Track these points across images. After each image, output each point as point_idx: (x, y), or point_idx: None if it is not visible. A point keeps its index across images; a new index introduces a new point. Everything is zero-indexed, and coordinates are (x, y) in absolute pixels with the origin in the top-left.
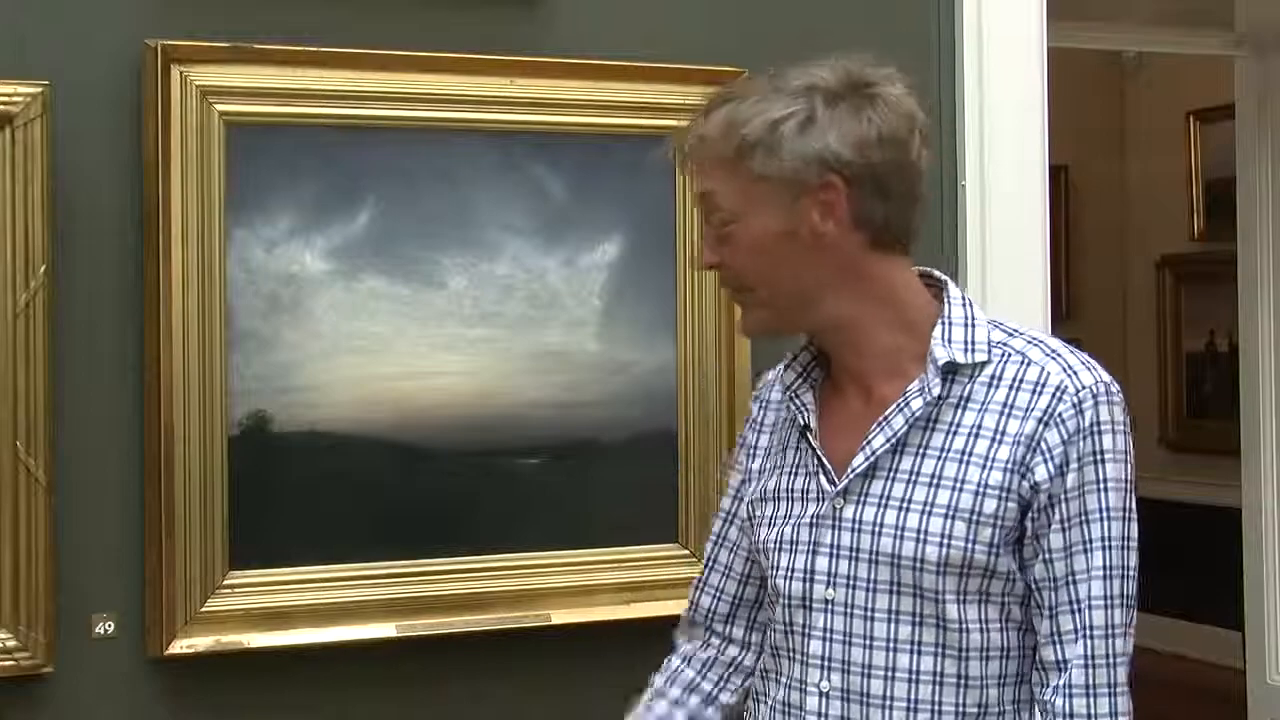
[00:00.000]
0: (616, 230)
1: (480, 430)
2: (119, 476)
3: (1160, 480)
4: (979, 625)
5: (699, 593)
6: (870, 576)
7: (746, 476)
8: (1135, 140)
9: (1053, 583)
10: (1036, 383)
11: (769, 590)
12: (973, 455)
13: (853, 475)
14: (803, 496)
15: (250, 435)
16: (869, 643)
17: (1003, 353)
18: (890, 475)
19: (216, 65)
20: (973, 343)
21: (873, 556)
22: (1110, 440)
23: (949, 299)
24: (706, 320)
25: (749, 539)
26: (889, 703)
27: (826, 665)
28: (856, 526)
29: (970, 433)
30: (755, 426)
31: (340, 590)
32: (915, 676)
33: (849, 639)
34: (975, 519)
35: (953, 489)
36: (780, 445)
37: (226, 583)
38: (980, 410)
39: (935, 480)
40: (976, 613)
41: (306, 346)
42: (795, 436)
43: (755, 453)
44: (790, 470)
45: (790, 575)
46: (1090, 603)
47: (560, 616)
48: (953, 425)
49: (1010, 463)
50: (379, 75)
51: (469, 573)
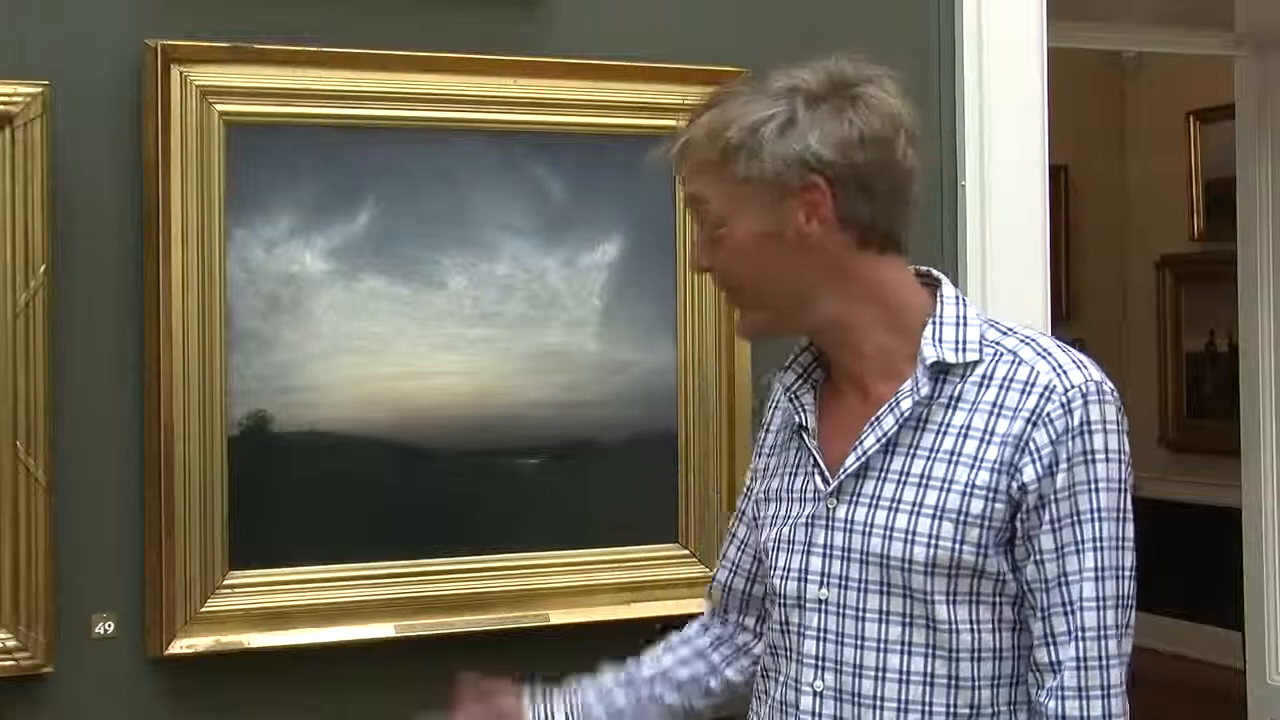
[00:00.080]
0: (616, 230)
1: (480, 430)
2: (119, 476)
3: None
4: (969, 626)
5: (714, 581)
6: (861, 577)
7: (754, 475)
8: (1135, 140)
9: (1044, 584)
10: (1026, 382)
11: (768, 589)
12: (961, 455)
13: (844, 475)
14: (801, 496)
15: (250, 435)
16: (860, 643)
17: (995, 352)
18: (881, 475)
19: (216, 65)
20: (964, 342)
21: (863, 557)
22: (1101, 439)
23: (942, 298)
24: (706, 320)
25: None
26: (879, 703)
27: (820, 665)
28: (848, 527)
29: (960, 433)
30: (765, 426)
31: (340, 590)
32: (906, 677)
33: (841, 639)
34: (962, 519)
35: (941, 489)
36: (783, 445)
37: (226, 583)
38: (970, 410)
39: (924, 480)
40: (967, 613)
41: (306, 346)
42: (794, 436)
43: (762, 452)
44: (791, 470)
45: (786, 575)
46: (1082, 604)
47: (560, 616)
48: (943, 425)
49: (998, 463)
50: (379, 75)
51: (469, 573)
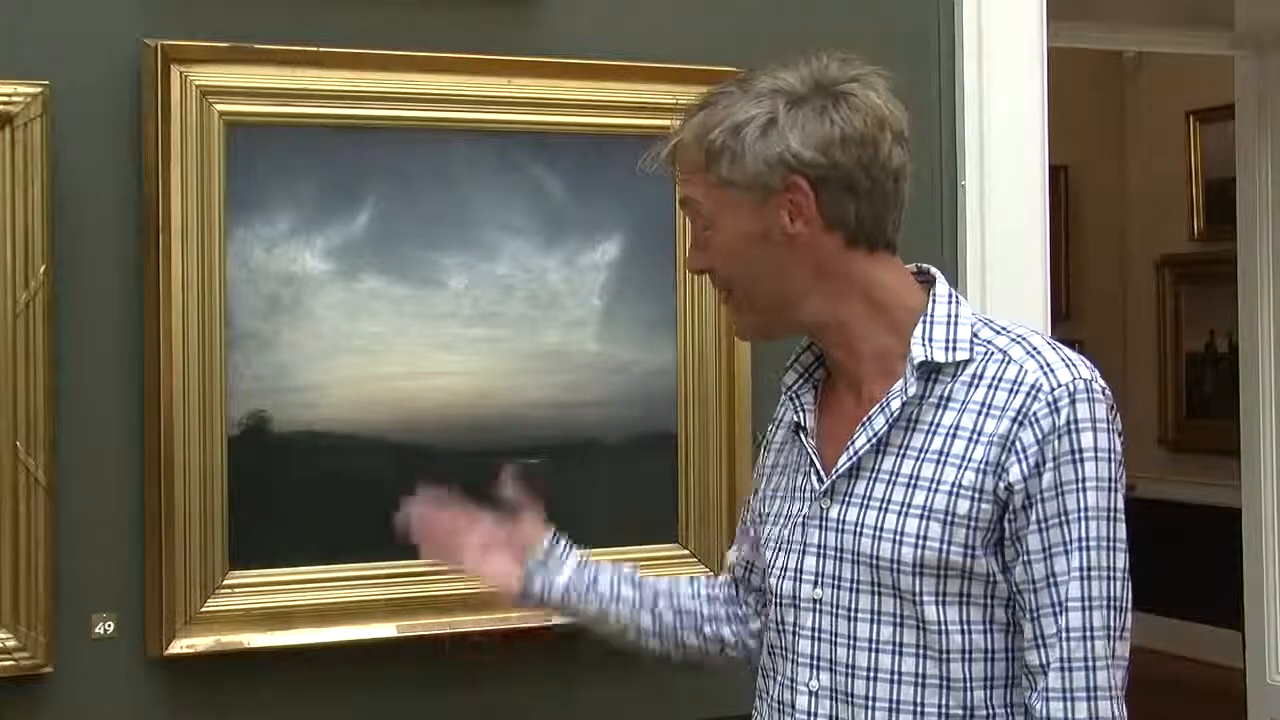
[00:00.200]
0: (616, 230)
1: (480, 430)
2: (119, 476)
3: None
4: (960, 627)
5: (727, 556)
6: (853, 577)
7: (761, 472)
8: (1135, 140)
9: (1032, 585)
10: (1014, 381)
11: (765, 587)
12: (950, 456)
13: (836, 475)
14: (798, 496)
15: (250, 435)
16: (853, 643)
17: (986, 351)
18: (873, 475)
19: (216, 65)
20: (954, 341)
21: (855, 557)
22: (1090, 438)
23: (934, 296)
24: (706, 320)
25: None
26: (872, 703)
27: (815, 664)
28: (840, 527)
29: (949, 433)
30: (775, 421)
31: (340, 590)
32: (897, 677)
33: (835, 638)
34: (949, 520)
35: (929, 490)
36: (786, 444)
37: (226, 583)
38: (960, 410)
39: (913, 481)
40: (957, 614)
41: (306, 346)
42: (794, 435)
43: (771, 447)
44: (793, 469)
45: (783, 574)
46: (1068, 604)
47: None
48: (933, 425)
49: (984, 463)
50: (379, 75)
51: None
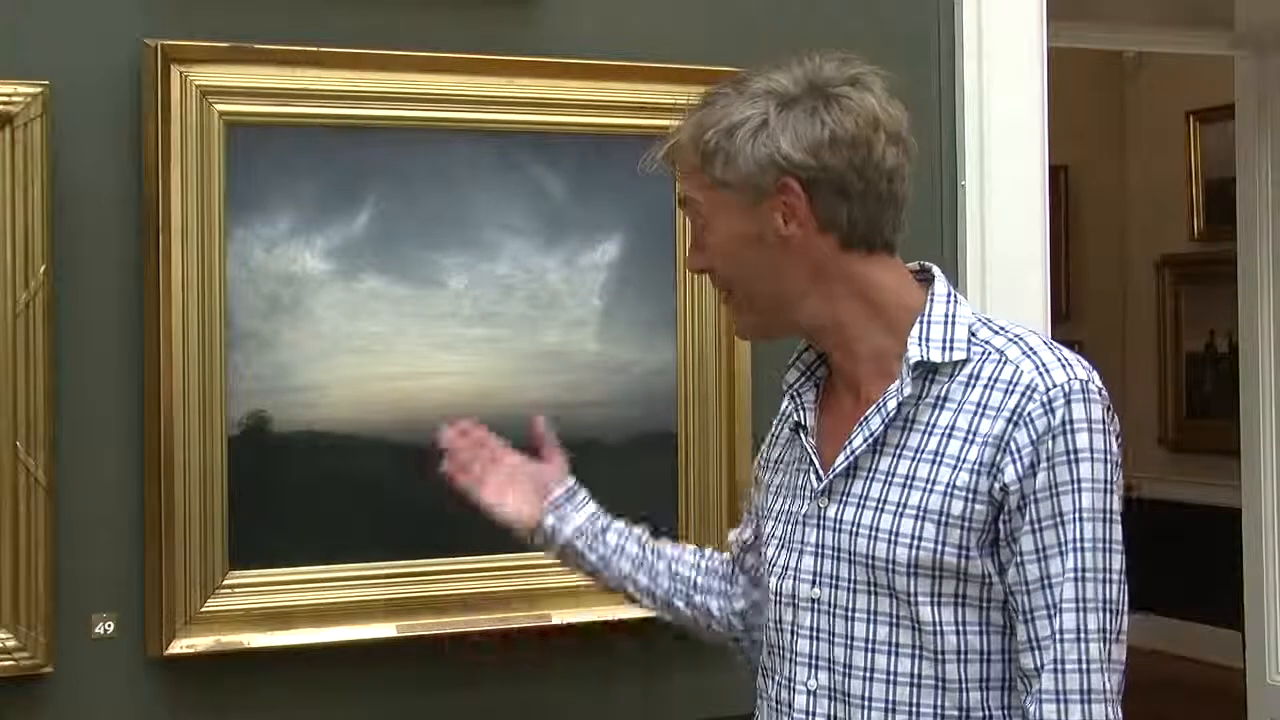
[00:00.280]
0: (616, 230)
1: None
2: (119, 476)
3: (1160, 480)
4: (955, 628)
5: (729, 534)
6: (850, 576)
7: (764, 464)
8: (1135, 140)
9: (1026, 587)
10: (1009, 382)
11: (764, 586)
12: (945, 456)
13: (834, 475)
14: (798, 494)
15: (250, 435)
16: (850, 642)
17: (983, 351)
18: (869, 475)
19: (216, 65)
20: (950, 341)
21: (851, 557)
22: (1085, 439)
23: (933, 296)
24: (706, 320)
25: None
26: (868, 703)
27: (813, 664)
28: (837, 526)
29: (944, 433)
30: (780, 417)
31: (340, 590)
32: (893, 678)
33: (832, 638)
34: (944, 521)
35: (924, 490)
36: (789, 440)
37: (226, 583)
38: (956, 410)
39: (909, 481)
40: (952, 615)
41: (306, 346)
42: (794, 433)
43: (777, 441)
44: (794, 467)
45: (782, 573)
46: (1063, 606)
47: (560, 616)
48: (929, 425)
49: (978, 463)
50: (378, 75)
51: (469, 573)
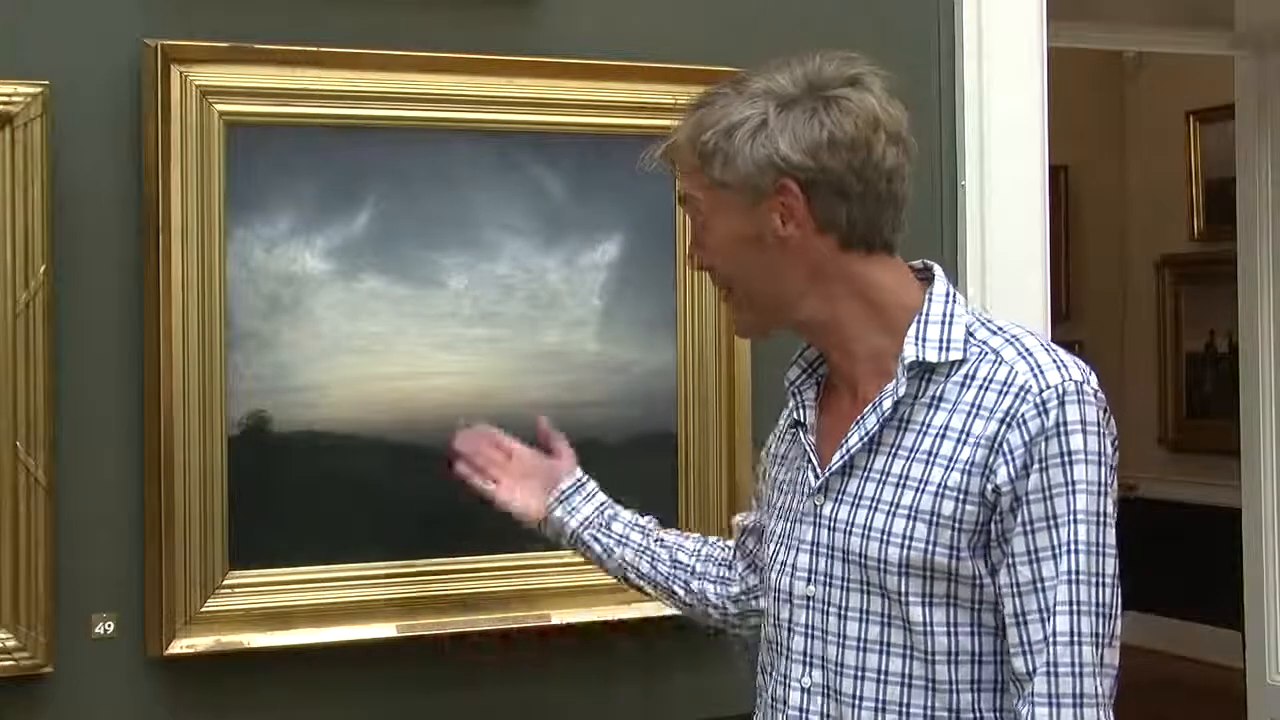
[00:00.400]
0: (616, 230)
1: None
2: (119, 476)
3: (1160, 480)
4: (946, 629)
5: (734, 518)
6: (844, 575)
7: (770, 458)
8: (1135, 140)
9: (1018, 589)
10: (1004, 382)
11: (763, 581)
12: (938, 456)
13: (830, 473)
14: (797, 491)
15: (250, 435)
16: (842, 641)
17: (980, 351)
18: (864, 474)
19: (216, 65)
20: (947, 341)
21: (845, 555)
22: (1079, 440)
23: (931, 296)
24: (706, 320)
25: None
26: (859, 701)
27: (808, 661)
28: (832, 524)
29: (938, 433)
30: (786, 413)
31: (340, 590)
32: (883, 677)
33: (826, 636)
34: (935, 521)
35: (916, 490)
36: (791, 437)
37: (226, 583)
38: (951, 411)
39: (902, 481)
40: (944, 616)
41: (306, 346)
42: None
43: (783, 437)
44: (794, 464)
45: (781, 570)
46: (1055, 609)
47: (560, 616)
48: (924, 425)
49: (970, 464)
50: (378, 75)
51: (469, 573)
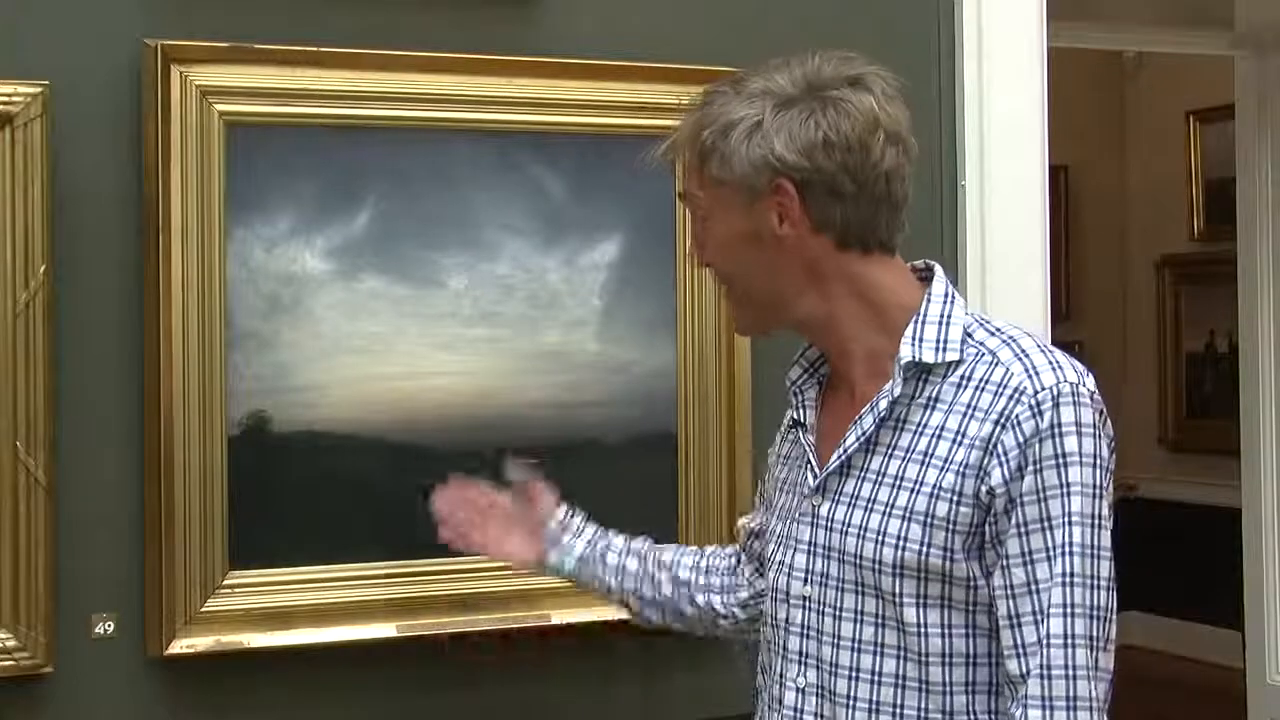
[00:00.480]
0: (616, 230)
1: (480, 430)
2: (119, 476)
3: (1160, 480)
4: (940, 630)
5: (739, 520)
6: (839, 575)
7: (775, 459)
8: (1135, 140)
9: (1012, 591)
10: (999, 384)
11: (765, 582)
12: (933, 457)
13: (827, 473)
14: (796, 491)
15: (250, 435)
16: (837, 641)
17: (977, 352)
18: (861, 475)
19: (216, 65)
20: (944, 341)
21: (841, 556)
22: (1074, 442)
23: (929, 296)
24: (706, 320)
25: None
26: (853, 702)
27: (803, 661)
28: (829, 524)
29: (934, 434)
30: (789, 416)
31: (340, 590)
32: (877, 678)
33: (821, 636)
34: (929, 522)
35: (911, 491)
36: (794, 438)
37: (226, 583)
38: (946, 411)
39: (898, 481)
40: (938, 618)
41: (306, 346)
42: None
43: (786, 438)
44: (795, 464)
45: (778, 569)
46: (1049, 611)
47: (560, 616)
48: (919, 426)
49: (965, 465)
50: (378, 75)
51: (469, 573)
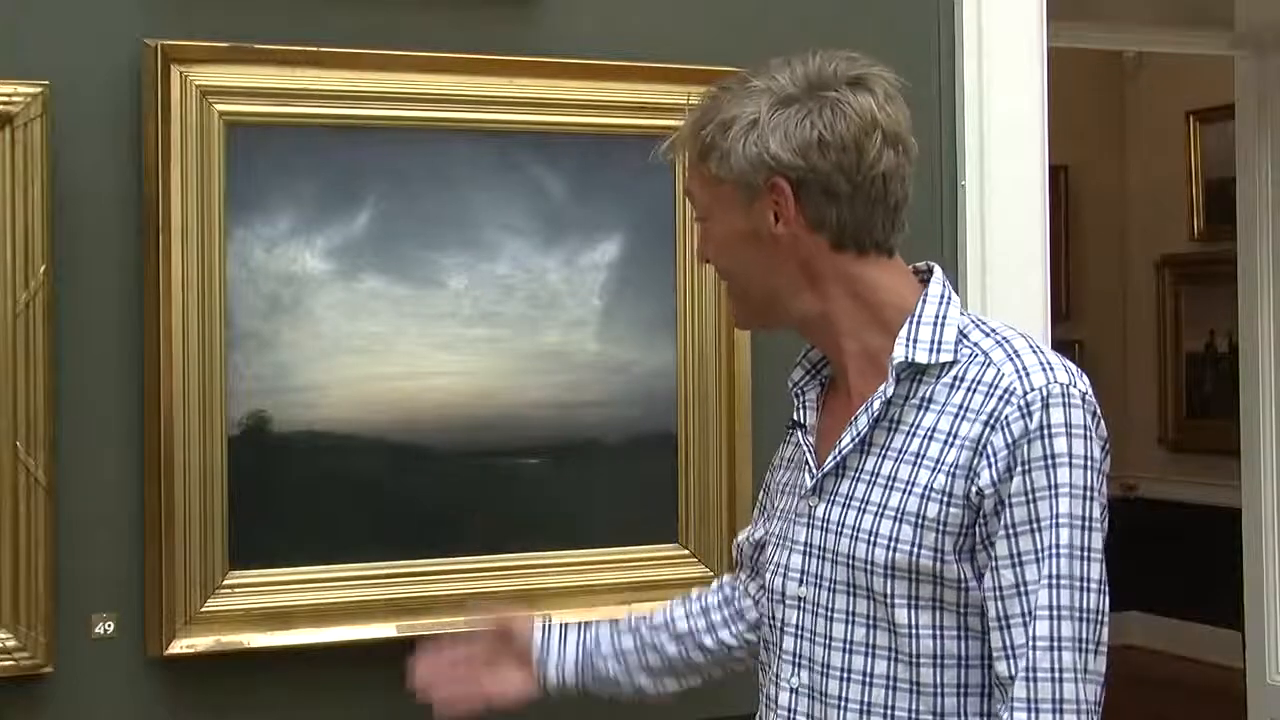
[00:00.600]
0: (616, 230)
1: (480, 430)
2: (119, 476)
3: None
4: (931, 632)
5: (738, 537)
6: (833, 576)
7: (778, 464)
8: (1135, 140)
9: (1001, 592)
10: (990, 384)
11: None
12: (925, 458)
13: (822, 474)
14: (795, 492)
15: (250, 435)
16: (829, 642)
17: (971, 353)
18: (856, 475)
19: (216, 65)
20: (938, 342)
21: (834, 556)
22: (1064, 443)
23: (925, 297)
24: (706, 320)
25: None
26: (844, 703)
27: (797, 662)
28: (824, 525)
29: (926, 435)
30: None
31: (340, 590)
32: (869, 679)
33: (814, 637)
34: (920, 523)
35: (903, 491)
36: (796, 440)
37: (226, 583)
38: (939, 412)
39: (890, 482)
40: (930, 619)
41: (306, 346)
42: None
43: (789, 441)
44: (795, 466)
45: (774, 570)
46: (1036, 613)
47: (560, 616)
48: (912, 427)
49: (955, 466)
50: (378, 75)
51: (469, 573)
